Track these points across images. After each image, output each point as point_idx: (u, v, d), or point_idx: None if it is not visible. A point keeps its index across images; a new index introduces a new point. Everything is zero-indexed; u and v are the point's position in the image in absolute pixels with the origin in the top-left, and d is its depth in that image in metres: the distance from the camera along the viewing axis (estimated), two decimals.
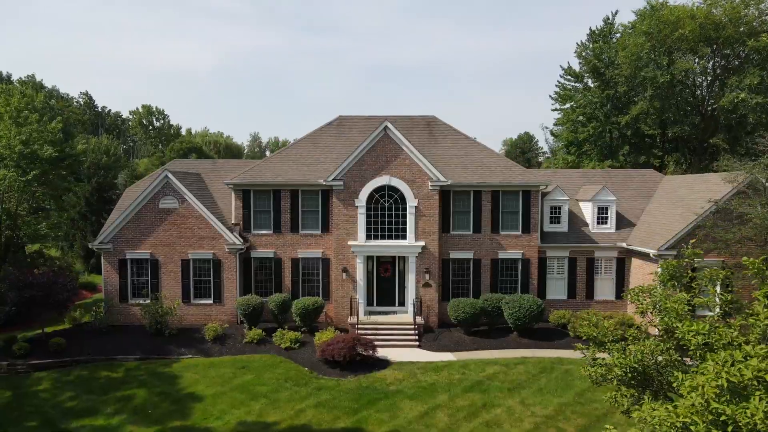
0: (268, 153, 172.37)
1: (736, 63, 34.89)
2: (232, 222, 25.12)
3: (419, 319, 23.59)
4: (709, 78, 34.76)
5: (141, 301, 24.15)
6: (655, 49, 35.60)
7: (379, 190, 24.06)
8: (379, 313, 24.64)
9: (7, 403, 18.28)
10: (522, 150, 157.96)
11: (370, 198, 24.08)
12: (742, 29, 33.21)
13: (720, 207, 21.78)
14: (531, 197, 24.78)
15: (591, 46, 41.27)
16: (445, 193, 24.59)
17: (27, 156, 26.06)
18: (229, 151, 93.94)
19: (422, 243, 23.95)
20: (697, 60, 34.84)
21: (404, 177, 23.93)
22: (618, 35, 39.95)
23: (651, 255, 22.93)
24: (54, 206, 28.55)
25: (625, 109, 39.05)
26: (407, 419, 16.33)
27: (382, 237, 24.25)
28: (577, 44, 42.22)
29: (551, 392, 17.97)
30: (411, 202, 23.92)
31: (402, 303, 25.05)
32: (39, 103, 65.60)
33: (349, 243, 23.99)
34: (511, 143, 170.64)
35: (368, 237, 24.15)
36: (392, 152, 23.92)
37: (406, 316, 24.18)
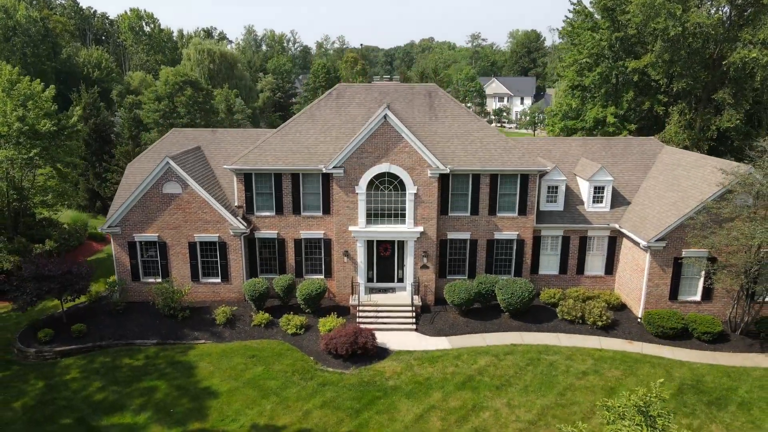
0: (264, 47, 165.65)
1: (752, 12, 33.27)
2: (236, 205, 25.68)
3: (416, 300, 24.97)
4: (721, 31, 33.24)
5: (152, 280, 25.48)
6: None
7: (379, 177, 24.36)
8: (379, 290, 26.00)
9: (41, 395, 20.12)
10: (528, 50, 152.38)
11: (370, 185, 24.45)
12: None
13: (708, 207, 22.21)
14: (529, 180, 25.11)
15: None
16: (444, 177, 24.87)
17: (25, 133, 25.95)
18: (224, 60, 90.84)
19: (421, 228, 24.69)
20: (711, 10, 33.20)
21: (404, 164, 24.11)
22: None
23: (641, 246, 23.76)
24: (59, 178, 28.80)
25: (634, 53, 37.81)
26: (404, 424, 18.15)
27: (382, 222, 24.94)
28: None
29: (535, 391, 19.70)
30: (411, 189, 24.31)
31: (401, 280, 26.32)
32: (21, 17, 62.64)
33: (350, 228, 24.73)
34: (517, 38, 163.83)
35: (368, 222, 24.84)
36: (392, 140, 23.89)
37: (404, 295, 25.54)
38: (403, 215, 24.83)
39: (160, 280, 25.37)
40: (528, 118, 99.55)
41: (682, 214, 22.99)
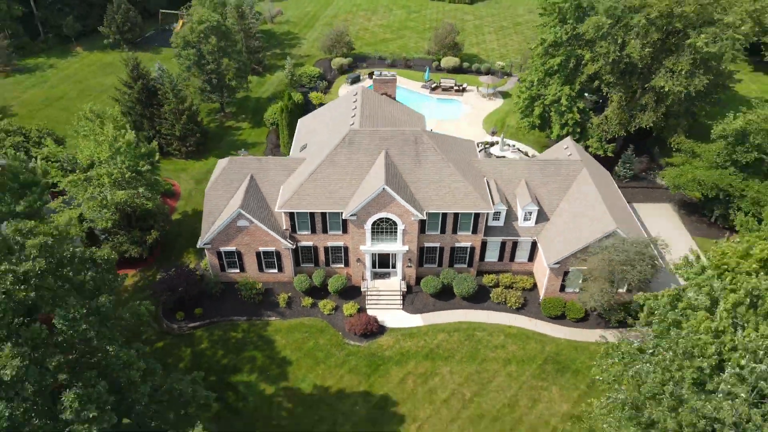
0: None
1: (673, 47, 40.95)
2: (284, 228, 38.55)
3: (403, 285, 39.56)
4: (648, 60, 41.21)
5: (232, 271, 39.75)
6: (618, 23, 40.99)
7: (380, 219, 36.85)
8: (379, 275, 40.33)
9: (192, 360, 36.10)
10: None
11: (374, 224, 37.08)
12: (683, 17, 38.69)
13: (589, 246, 35.34)
14: (480, 216, 37.63)
15: None
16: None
17: (132, 176, 37.30)
18: None
19: (407, 247, 38.05)
20: (644, 42, 40.71)
21: (396, 212, 36.40)
22: None
23: (545, 264, 37.47)
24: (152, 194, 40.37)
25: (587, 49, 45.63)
26: (393, 384, 34.43)
27: (382, 242, 38.15)
28: None
29: (466, 361, 35.59)
30: (400, 226, 37.02)
31: (393, 266, 40.38)
32: None
33: (361, 248, 38.10)
34: None
35: (373, 244, 38.08)
36: (388, 200, 35.77)
37: (395, 280, 40.00)
38: (395, 240, 37.95)
39: (238, 271, 39.64)
40: None
41: (573, 249, 36.19)
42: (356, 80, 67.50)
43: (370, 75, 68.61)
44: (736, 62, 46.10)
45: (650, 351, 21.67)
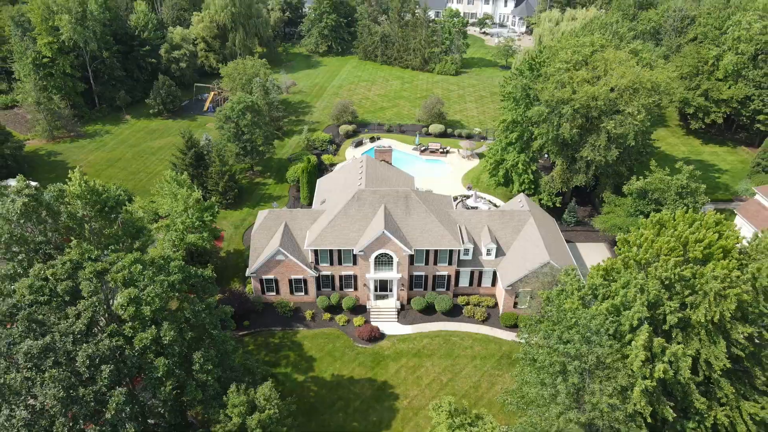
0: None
1: (593, 129, 55.97)
2: (310, 261, 52.40)
3: (397, 304, 53.11)
4: (601, 104, 55.16)
5: (270, 294, 53.31)
6: (553, 111, 56.13)
7: (380, 254, 50.75)
8: (379, 297, 53.90)
9: (245, 358, 49.14)
10: None
11: (376, 257, 50.96)
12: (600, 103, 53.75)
13: (534, 272, 49.14)
14: (453, 252, 51.59)
15: (526, 74, 60.07)
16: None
17: (198, 226, 51.52)
18: (243, 2, 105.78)
19: (400, 275, 51.83)
20: (570, 126, 55.68)
21: (392, 249, 50.34)
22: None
23: (500, 286, 51.24)
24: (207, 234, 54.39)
25: (536, 127, 60.62)
26: (390, 373, 47.56)
27: (382, 270, 51.93)
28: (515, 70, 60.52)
29: (444, 358, 48.82)
30: (395, 260, 50.91)
31: (390, 290, 53.96)
32: (92, 7, 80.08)
33: (366, 276, 51.88)
34: None
35: (375, 272, 51.86)
36: (386, 240, 49.77)
37: (392, 300, 53.56)
38: (392, 269, 51.76)
39: (274, 293, 53.22)
40: (504, 43, 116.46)
41: (521, 275, 49.98)
42: (360, 144, 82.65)
43: (371, 139, 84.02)
44: (669, 127, 60.35)
45: (542, 322, 35.38)
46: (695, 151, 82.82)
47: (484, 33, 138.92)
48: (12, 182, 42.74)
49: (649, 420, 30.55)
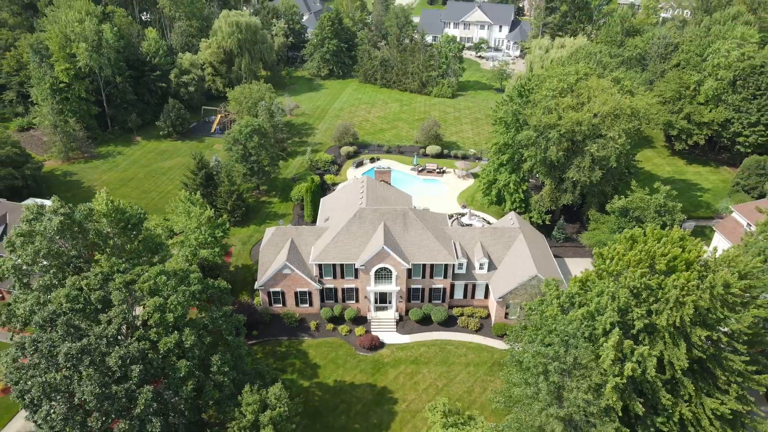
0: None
1: (578, 151, 60.17)
2: (314, 275, 56.15)
3: (396, 315, 56.75)
4: (585, 129, 59.35)
5: (276, 306, 56.93)
6: (541, 135, 60.37)
7: (380, 268, 54.53)
8: (379, 309, 57.56)
9: (253, 365, 52.63)
10: None
11: (376, 271, 54.73)
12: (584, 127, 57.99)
13: (522, 284, 52.90)
14: (448, 266, 55.39)
15: (516, 100, 64.45)
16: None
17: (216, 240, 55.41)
18: (248, 29, 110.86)
19: (399, 288, 55.56)
20: (557, 149, 59.87)
21: (391, 264, 54.15)
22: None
23: (492, 297, 54.95)
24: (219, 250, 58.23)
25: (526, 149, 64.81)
26: (389, 379, 51.05)
27: (382, 283, 55.66)
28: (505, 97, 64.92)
29: (439, 365, 52.36)
30: (394, 273, 54.68)
31: (390, 302, 57.66)
32: (108, 36, 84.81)
33: (367, 288, 55.60)
34: None
35: (375, 285, 55.60)
36: (385, 255, 53.61)
37: (391, 311, 57.21)
38: (390, 282, 55.49)
39: (281, 305, 56.84)
40: (499, 67, 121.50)
41: (511, 288, 53.72)
42: (360, 164, 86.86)
43: (371, 160, 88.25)
44: (656, 148, 64.10)
45: (526, 328, 39.06)
46: (680, 171, 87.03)
47: (479, 57, 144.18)
48: (47, 202, 46.58)
49: (621, 414, 34.13)
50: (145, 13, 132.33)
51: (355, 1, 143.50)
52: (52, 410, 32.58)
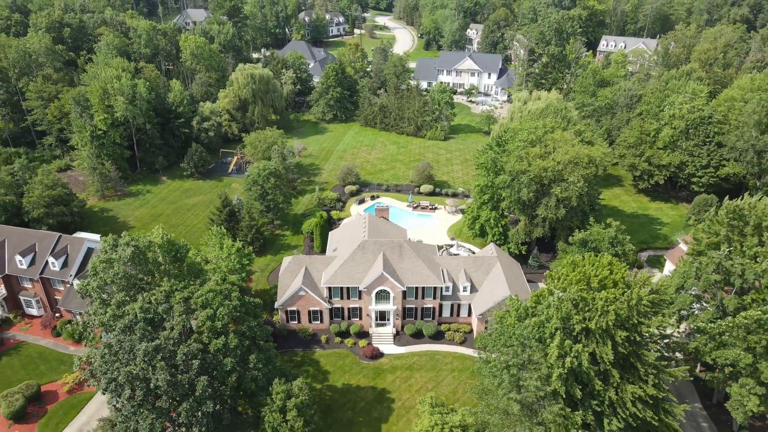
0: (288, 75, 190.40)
1: (545, 192, 71.99)
2: (325, 296, 67.06)
3: (393, 330, 67.45)
4: (550, 175, 71.22)
5: (293, 323, 67.64)
6: (514, 180, 72.16)
7: (380, 290, 65.48)
8: (379, 324, 68.26)
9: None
10: (498, 25, 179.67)
11: (377, 293, 65.68)
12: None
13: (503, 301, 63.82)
14: (437, 289, 66.38)
15: (495, 149, 76.48)
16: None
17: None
18: (262, 79, 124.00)
19: (396, 306, 66.43)
20: (527, 191, 71.56)
21: (389, 286, 65.14)
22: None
23: (473, 315, 65.79)
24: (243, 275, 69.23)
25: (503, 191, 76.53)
26: (388, 382, 61.48)
27: (382, 303, 66.53)
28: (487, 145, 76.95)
29: (429, 370, 62.84)
30: (392, 294, 65.62)
31: (388, 319, 68.36)
32: (141, 90, 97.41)
33: (369, 307, 66.47)
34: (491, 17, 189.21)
35: (376, 305, 66.49)
36: (384, 280, 64.63)
37: (389, 327, 67.92)
38: (389, 302, 66.36)
39: (296, 322, 67.54)
40: (487, 112, 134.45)
41: (488, 306, 64.54)
42: (362, 201, 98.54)
43: (372, 197, 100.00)
44: (624, 186, 75.65)
45: (491, 335, 49.93)
46: (643, 207, 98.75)
47: (470, 101, 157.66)
48: (92, 236, 58.06)
49: (564, 397, 44.74)
50: (167, 63, 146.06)
51: (356, 52, 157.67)
52: (133, 394, 43.22)
